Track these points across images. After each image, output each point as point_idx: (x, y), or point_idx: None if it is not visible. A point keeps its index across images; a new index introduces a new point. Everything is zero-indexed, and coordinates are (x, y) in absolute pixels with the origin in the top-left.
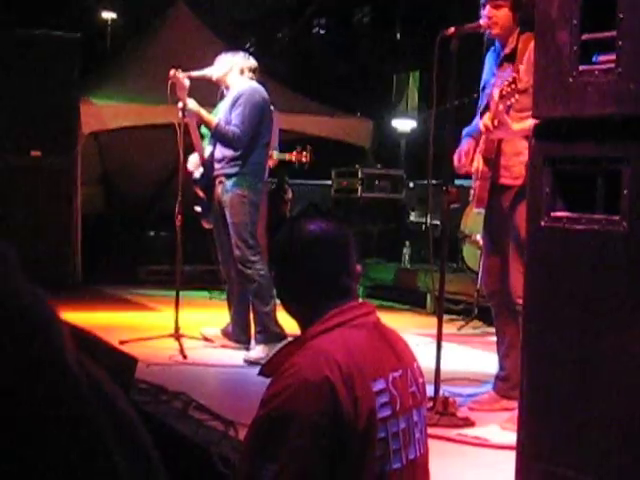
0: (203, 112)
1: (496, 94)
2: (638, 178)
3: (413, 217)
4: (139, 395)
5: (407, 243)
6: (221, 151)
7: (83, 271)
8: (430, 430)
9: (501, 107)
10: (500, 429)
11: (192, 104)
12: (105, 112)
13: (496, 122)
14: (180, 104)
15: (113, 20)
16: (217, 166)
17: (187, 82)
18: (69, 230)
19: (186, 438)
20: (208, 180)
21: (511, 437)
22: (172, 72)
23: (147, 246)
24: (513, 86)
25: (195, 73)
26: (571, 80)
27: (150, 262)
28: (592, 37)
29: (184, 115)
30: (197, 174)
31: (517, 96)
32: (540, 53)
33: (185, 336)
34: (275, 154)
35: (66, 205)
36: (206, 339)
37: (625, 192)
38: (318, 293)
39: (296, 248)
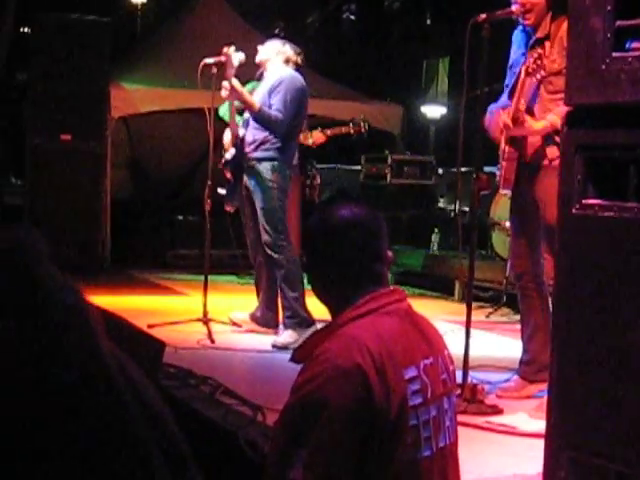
0: (246, 93)
1: (523, 71)
2: None
3: (442, 204)
4: (167, 379)
5: (436, 230)
6: (253, 134)
7: (112, 255)
8: (458, 417)
9: (527, 86)
10: (528, 417)
11: (237, 84)
12: (135, 96)
13: (518, 117)
14: (226, 83)
15: (143, 4)
16: (248, 149)
17: (237, 62)
18: (98, 214)
19: (214, 423)
20: (238, 162)
21: (539, 425)
22: (226, 49)
23: (176, 230)
24: (539, 62)
25: (241, 54)
26: (604, 67)
27: (179, 246)
28: (626, 24)
29: (230, 94)
30: (228, 155)
31: (543, 73)
32: (573, 40)
33: (213, 320)
34: (328, 130)
35: (96, 189)
36: (234, 324)
37: None
38: (350, 279)
39: (328, 234)
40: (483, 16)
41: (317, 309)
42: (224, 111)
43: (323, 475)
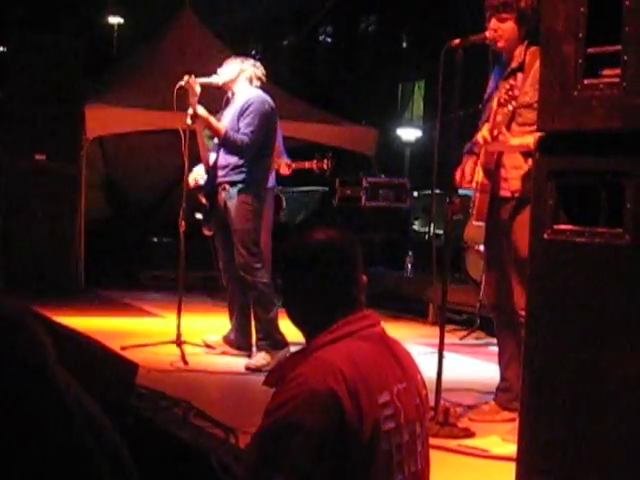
0: (212, 119)
1: (495, 103)
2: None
3: (417, 226)
4: (140, 401)
5: (410, 252)
6: (225, 158)
7: (86, 276)
8: (431, 440)
9: (499, 117)
10: (501, 440)
11: (202, 111)
12: (110, 117)
13: (495, 132)
14: (190, 110)
15: (120, 25)
16: (221, 173)
17: (199, 88)
18: (73, 234)
19: (186, 445)
20: (211, 187)
21: (511, 448)
22: (186, 78)
23: (150, 252)
24: (510, 93)
25: (202, 80)
26: (576, 93)
27: (153, 268)
28: (597, 51)
29: (193, 121)
30: (202, 181)
31: (514, 105)
32: (545, 66)
33: (187, 342)
34: (292, 163)
35: (70, 209)
36: (208, 346)
37: (628, 206)
38: (325, 304)
39: (304, 258)
40: (457, 41)
41: (291, 331)
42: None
43: None
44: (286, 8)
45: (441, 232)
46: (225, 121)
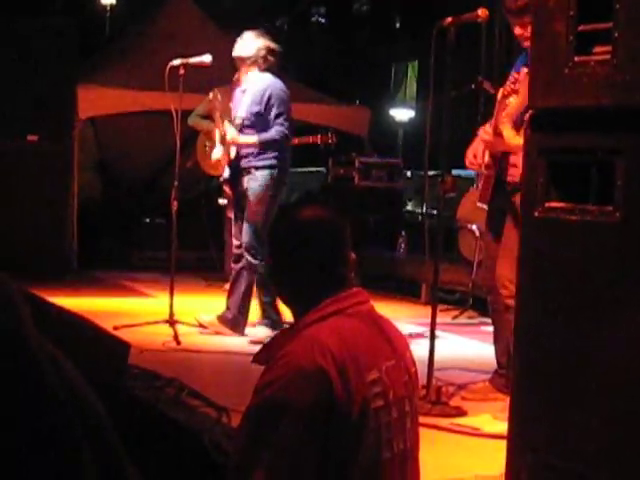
0: (242, 139)
1: (500, 93)
2: (632, 169)
3: (410, 206)
4: (132, 381)
5: (403, 232)
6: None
7: (78, 256)
8: (422, 419)
9: (504, 114)
10: (492, 418)
11: (231, 134)
12: (103, 97)
13: (499, 129)
14: (218, 133)
15: (112, 6)
16: (245, 159)
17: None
18: (65, 215)
19: (179, 424)
20: (235, 172)
21: (503, 427)
22: (212, 94)
23: (142, 232)
24: (513, 86)
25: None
26: (566, 71)
27: (145, 248)
28: (589, 28)
29: (224, 143)
30: (226, 174)
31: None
32: (536, 43)
33: (179, 322)
34: (296, 139)
35: (62, 190)
36: (201, 325)
37: (619, 183)
38: (313, 281)
39: (292, 236)
40: (448, 20)
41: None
42: (196, 120)
43: (285, 477)
44: None
45: (434, 212)
46: (241, 107)
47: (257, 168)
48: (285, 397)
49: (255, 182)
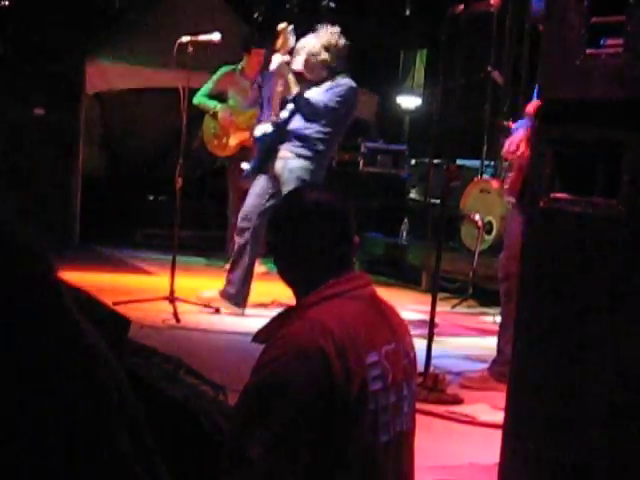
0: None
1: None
2: (638, 163)
3: (413, 194)
4: (130, 357)
5: (405, 220)
6: (297, 127)
7: (81, 231)
8: (419, 406)
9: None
10: (489, 408)
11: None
12: (110, 73)
13: (522, 146)
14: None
15: None
16: (289, 141)
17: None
18: (69, 190)
19: (175, 401)
20: (272, 143)
21: (499, 416)
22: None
23: (146, 209)
24: None
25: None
26: (578, 63)
27: (148, 226)
28: (601, 20)
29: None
30: (258, 132)
31: None
32: (548, 35)
33: (179, 300)
34: None
35: (67, 164)
36: (203, 305)
37: (625, 177)
38: (315, 262)
39: (295, 216)
40: (460, 8)
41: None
42: (202, 101)
43: (283, 456)
44: None
45: (437, 201)
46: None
47: (298, 156)
48: (284, 377)
49: (292, 174)
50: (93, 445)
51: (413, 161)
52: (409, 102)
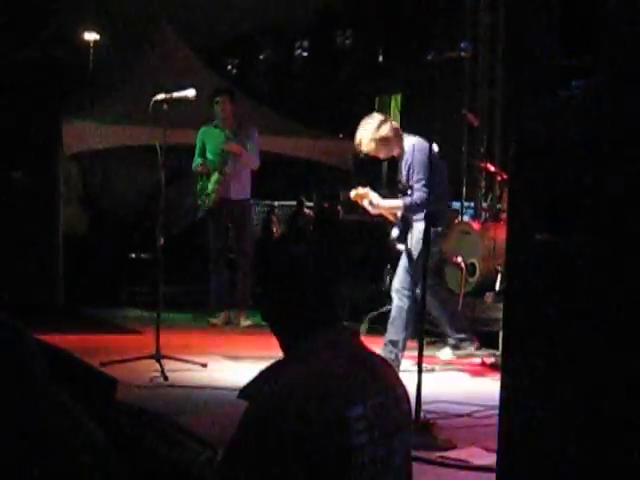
0: (387, 203)
1: None
2: (615, 201)
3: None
4: (119, 416)
5: (388, 265)
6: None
7: (65, 292)
8: (411, 452)
9: None
10: (482, 451)
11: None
12: (87, 133)
13: None
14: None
15: (96, 41)
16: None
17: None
18: (51, 251)
19: (165, 459)
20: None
21: (492, 459)
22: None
23: (129, 268)
24: None
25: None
26: (550, 105)
27: (132, 284)
28: (570, 63)
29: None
30: (394, 234)
31: None
32: (519, 77)
33: (166, 357)
34: None
35: (48, 226)
36: (187, 361)
37: (603, 215)
38: (303, 315)
39: (283, 269)
40: (432, 56)
41: None
42: (200, 161)
43: None
44: (263, 23)
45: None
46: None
47: (418, 221)
48: (265, 434)
49: (417, 235)
50: None
51: None
52: None
